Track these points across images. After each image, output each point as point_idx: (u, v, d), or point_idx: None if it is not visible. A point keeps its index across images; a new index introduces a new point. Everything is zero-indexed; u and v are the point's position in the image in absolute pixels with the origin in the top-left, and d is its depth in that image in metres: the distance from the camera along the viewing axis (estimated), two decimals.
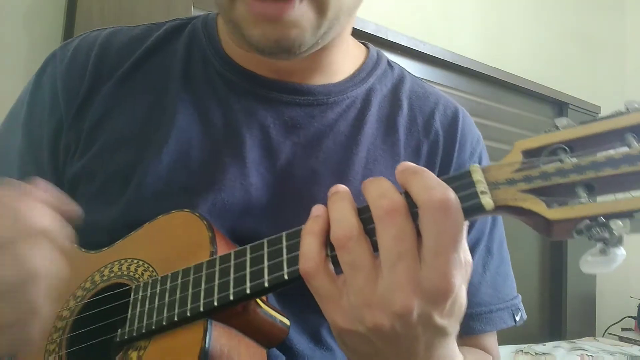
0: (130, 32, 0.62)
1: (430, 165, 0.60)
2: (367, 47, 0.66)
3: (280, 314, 0.47)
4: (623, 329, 2.13)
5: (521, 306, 0.64)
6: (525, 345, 1.71)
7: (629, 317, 2.14)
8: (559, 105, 2.12)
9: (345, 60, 0.61)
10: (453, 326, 0.38)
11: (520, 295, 0.65)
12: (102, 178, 0.56)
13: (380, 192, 0.36)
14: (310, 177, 0.55)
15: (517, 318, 0.62)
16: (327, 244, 0.38)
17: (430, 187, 0.34)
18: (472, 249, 0.62)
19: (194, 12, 1.11)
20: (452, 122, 0.63)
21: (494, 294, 0.62)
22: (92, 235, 0.55)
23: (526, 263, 2.03)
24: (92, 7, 1.03)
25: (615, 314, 2.17)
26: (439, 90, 0.67)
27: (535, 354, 1.66)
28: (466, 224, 0.36)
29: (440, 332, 0.37)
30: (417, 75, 0.68)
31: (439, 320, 0.36)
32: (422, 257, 0.34)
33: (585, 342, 1.85)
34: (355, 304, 0.36)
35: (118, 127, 0.57)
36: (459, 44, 1.81)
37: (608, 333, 2.14)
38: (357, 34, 1.61)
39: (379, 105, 0.61)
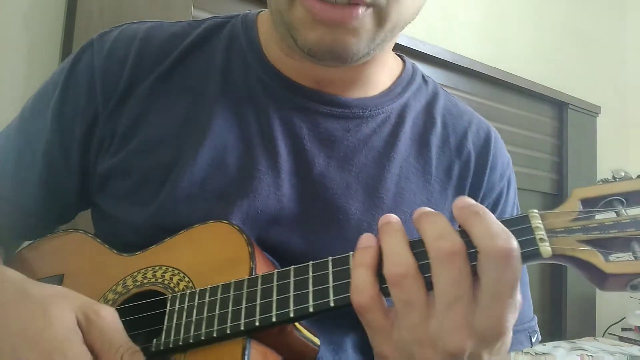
0: (170, 29, 0.61)
1: (460, 186, 0.60)
2: (403, 60, 0.66)
3: (313, 334, 0.47)
4: (623, 329, 2.13)
5: (537, 328, 0.64)
6: None
7: None
8: (559, 105, 2.12)
9: (383, 73, 0.61)
10: None
11: (536, 317, 0.65)
12: (136, 177, 0.55)
13: (438, 233, 0.36)
14: (342, 191, 0.55)
15: (534, 340, 0.62)
16: (379, 275, 0.38)
17: (494, 234, 0.34)
18: None
19: (194, 12, 1.11)
20: (485, 144, 0.63)
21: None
22: (122, 234, 0.55)
23: None
24: (92, 7, 1.03)
25: (615, 314, 2.17)
26: (471, 109, 0.67)
27: (535, 354, 1.66)
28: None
29: None
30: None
31: (487, 358, 0.37)
32: (478, 299, 0.35)
33: (585, 342, 1.85)
34: (406, 339, 0.36)
35: (155, 126, 0.56)
36: (459, 44, 1.81)
37: (608, 333, 2.14)
38: None
39: (412, 122, 0.61)
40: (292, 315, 0.41)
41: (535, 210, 0.37)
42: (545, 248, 0.35)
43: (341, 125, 0.57)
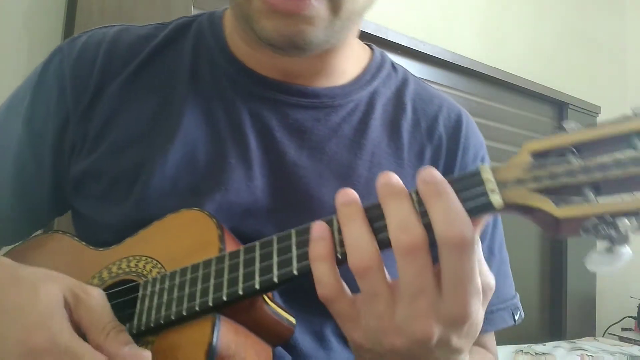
0: (138, 31, 0.62)
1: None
2: (372, 49, 0.66)
3: (287, 312, 0.48)
4: (623, 329, 2.13)
5: (519, 305, 0.64)
6: (526, 345, 1.71)
7: (629, 317, 2.14)
8: (559, 105, 2.12)
9: (350, 62, 0.61)
10: (468, 344, 0.39)
11: (518, 294, 0.65)
12: (109, 177, 0.56)
13: (401, 222, 0.36)
14: (315, 180, 0.56)
15: (517, 317, 0.63)
16: (337, 249, 0.38)
17: (451, 220, 0.35)
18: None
19: (194, 12, 1.11)
20: (456, 126, 0.63)
21: (495, 295, 0.62)
22: (99, 234, 0.56)
23: (526, 263, 2.03)
24: (92, 7, 1.03)
25: (615, 314, 2.17)
26: (442, 93, 0.67)
27: (535, 354, 1.66)
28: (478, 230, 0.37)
29: (456, 352, 0.39)
30: (417, 76, 0.68)
31: (456, 341, 0.37)
32: (441, 287, 0.36)
33: (585, 342, 1.85)
34: (373, 327, 0.37)
35: (125, 126, 0.57)
36: (459, 44, 1.81)
37: (608, 333, 2.14)
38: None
39: (382, 109, 0.61)
40: (257, 287, 0.41)
41: (487, 164, 0.38)
42: (496, 199, 0.36)
43: (311, 115, 0.58)
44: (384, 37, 1.55)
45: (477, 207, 0.36)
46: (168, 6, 1.09)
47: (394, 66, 0.66)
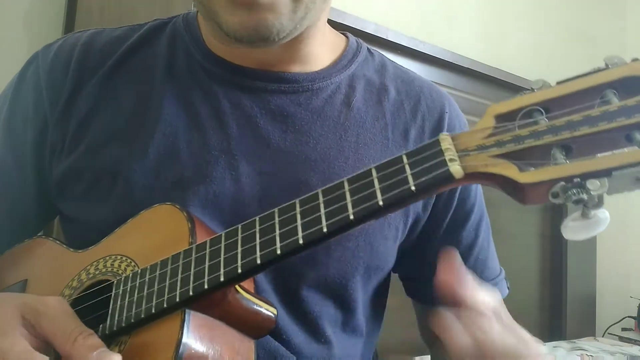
0: (113, 33, 0.63)
1: None
2: (347, 37, 0.66)
3: (266, 303, 0.47)
4: (623, 329, 2.13)
5: (505, 276, 0.68)
6: None
7: (629, 317, 2.14)
8: None
9: (323, 50, 0.61)
10: None
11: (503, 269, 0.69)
12: (89, 176, 0.56)
13: None
14: (301, 164, 0.56)
15: (508, 286, 0.67)
16: None
17: None
18: (478, 226, 0.64)
19: None
20: (439, 107, 0.63)
21: (495, 267, 0.67)
22: (86, 234, 0.56)
23: (526, 263, 2.03)
24: (92, 7, 1.03)
25: (615, 314, 2.17)
26: (423, 77, 0.67)
27: None
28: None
29: None
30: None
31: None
32: None
33: (585, 342, 1.85)
34: None
35: (103, 124, 0.57)
36: (459, 43, 1.81)
37: (608, 333, 2.14)
38: (357, 33, 1.60)
39: (364, 90, 0.61)
40: (222, 279, 0.40)
41: (447, 133, 0.36)
42: (456, 167, 0.34)
43: (292, 100, 0.58)
44: (384, 37, 1.55)
45: (437, 178, 0.34)
46: (168, 6, 1.09)
47: (370, 51, 0.66)
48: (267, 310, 0.46)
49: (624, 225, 2.19)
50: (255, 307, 0.46)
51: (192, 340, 0.40)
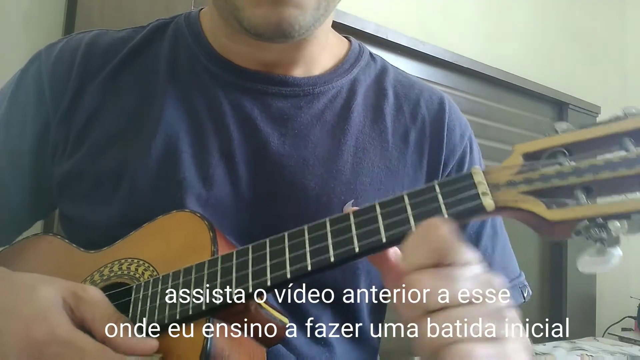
0: (116, 34, 0.63)
1: (419, 152, 0.61)
2: (349, 41, 0.67)
3: (280, 313, 0.48)
4: (623, 329, 2.13)
5: (526, 282, 0.66)
6: None
7: (629, 317, 2.14)
8: (559, 105, 2.12)
9: (325, 53, 0.62)
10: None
11: (523, 273, 0.66)
12: (92, 178, 0.56)
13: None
14: (299, 168, 0.56)
15: (525, 294, 0.65)
16: None
17: None
18: (479, 231, 0.63)
19: None
20: (439, 108, 0.63)
21: (503, 273, 0.64)
22: (87, 234, 0.56)
23: (526, 263, 2.03)
24: (92, 7, 1.03)
25: (615, 314, 2.17)
26: (423, 81, 0.68)
27: (535, 354, 1.66)
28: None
29: None
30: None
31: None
32: None
33: (585, 342, 1.85)
34: None
35: (106, 125, 0.57)
36: (459, 44, 1.81)
37: (608, 333, 2.14)
38: (357, 34, 1.61)
39: (364, 95, 0.61)
40: (250, 290, 0.41)
41: (479, 167, 0.38)
42: (488, 201, 0.36)
43: (292, 104, 0.58)
44: (384, 37, 1.55)
45: (470, 210, 0.36)
46: (168, 6, 1.08)
47: (372, 56, 0.67)
48: (280, 320, 0.47)
49: None
50: (271, 317, 0.47)
51: (215, 348, 0.41)
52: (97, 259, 0.53)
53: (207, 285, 0.43)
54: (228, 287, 0.42)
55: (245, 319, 0.45)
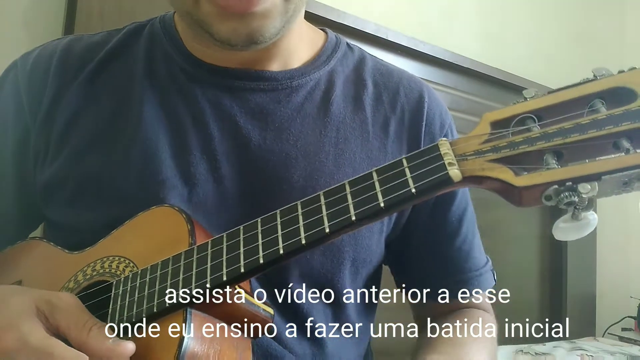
0: (91, 39, 0.63)
1: (399, 140, 0.61)
2: (326, 33, 0.66)
3: (264, 304, 0.47)
4: (623, 329, 2.13)
5: (492, 267, 0.68)
6: (525, 345, 1.71)
7: (629, 317, 2.14)
8: None
9: (302, 46, 0.62)
10: None
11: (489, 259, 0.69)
12: (74, 183, 0.56)
13: None
14: (282, 162, 0.56)
15: (495, 277, 0.67)
16: None
17: None
18: (462, 216, 0.64)
19: None
20: (418, 97, 0.63)
21: (480, 257, 0.66)
22: (75, 238, 0.56)
23: (526, 263, 2.03)
24: (92, 7, 1.03)
25: (615, 314, 2.17)
26: (401, 68, 0.67)
27: (535, 354, 1.66)
28: None
29: None
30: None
31: None
32: None
33: (585, 342, 1.85)
34: None
35: (85, 130, 0.57)
36: (459, 44, 1.81)
37: (608, 333, 2.14)
38: (357, 34, 1.61)
39: (343, 85, 0.61)
40: (225, 278, 0.42)
41: (446, 139, 0.38)
42: (454, 171, 0.36)
43: (271, 98, 0.58)
44: (384, 37, 1.55)
45: (437, 181, 0.36)
46: (168, 6, 1.08)
47: (349, 46, 0.66)
48: (264, 310, 0.47)
49: (624, 225, 2.19)
50: (254, 307, 0.46)
51: (194, 338, 0.41)
52: (80, 259, 0.54)
53: (183, 277, 0.43)
54: (203, 276, 0.42)
55: (226, 309, 0.44)
